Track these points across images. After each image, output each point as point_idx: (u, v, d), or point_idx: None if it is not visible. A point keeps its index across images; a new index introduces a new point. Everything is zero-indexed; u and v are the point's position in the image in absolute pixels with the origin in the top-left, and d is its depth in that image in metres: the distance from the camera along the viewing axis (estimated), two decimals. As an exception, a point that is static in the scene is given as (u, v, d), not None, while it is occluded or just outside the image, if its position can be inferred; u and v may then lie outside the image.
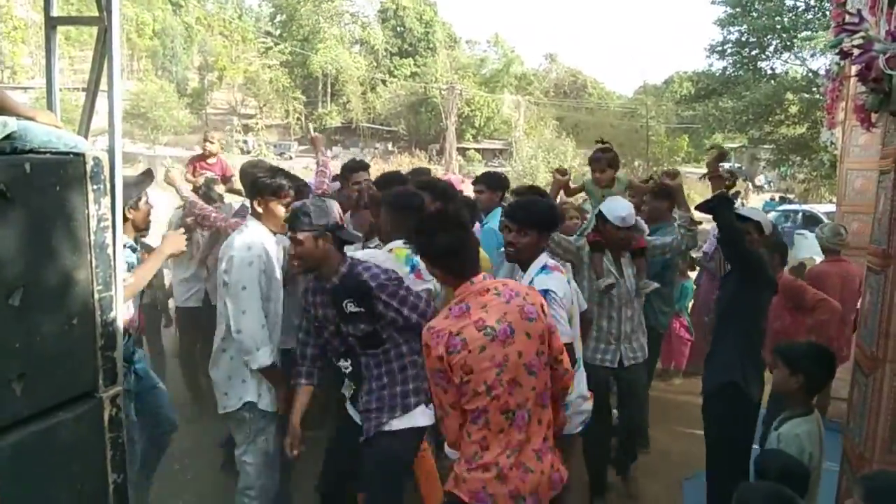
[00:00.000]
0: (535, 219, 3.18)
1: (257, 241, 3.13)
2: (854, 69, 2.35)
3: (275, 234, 3.31)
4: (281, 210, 3.22)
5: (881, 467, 2.57)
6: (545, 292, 2.91)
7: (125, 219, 3.08)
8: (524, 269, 3.22)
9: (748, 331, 3.54)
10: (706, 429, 3.63)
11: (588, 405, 3.33)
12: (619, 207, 3.80)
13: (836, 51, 2.46)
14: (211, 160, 6.14)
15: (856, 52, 2.14)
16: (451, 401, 2.35)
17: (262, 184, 3.22)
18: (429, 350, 2.31)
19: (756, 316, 3.57)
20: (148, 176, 3.44)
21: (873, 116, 2.80)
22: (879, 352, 2.63)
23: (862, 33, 2.15)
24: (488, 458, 2.33)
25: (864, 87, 2.37)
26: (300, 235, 2.84)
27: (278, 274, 3.25)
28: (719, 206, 3.48)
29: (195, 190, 5.36)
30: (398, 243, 3.28)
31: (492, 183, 4.87)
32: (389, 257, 3.20)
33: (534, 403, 2.37)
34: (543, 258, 3.18)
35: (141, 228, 3.43)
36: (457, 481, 2.39)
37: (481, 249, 3.35)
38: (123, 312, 2.42)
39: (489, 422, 2.31)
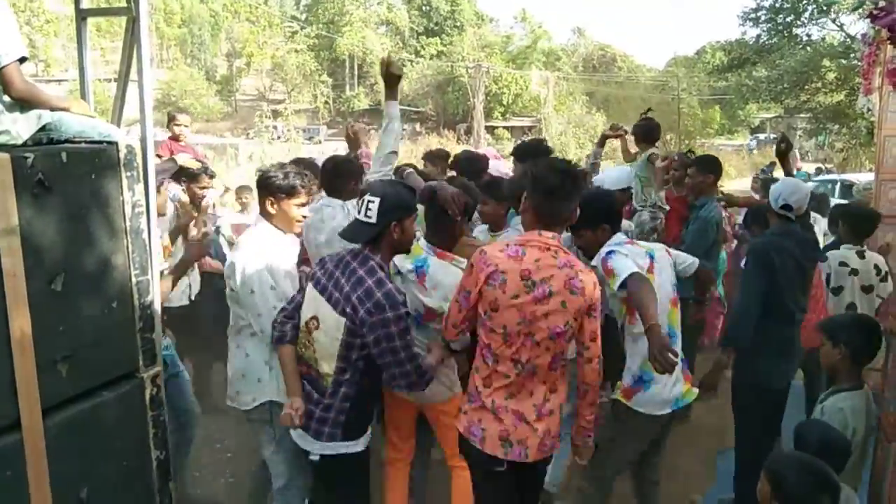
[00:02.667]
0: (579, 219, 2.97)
1: (263, 244, 3.01)
2: (885, 33, 2.29)
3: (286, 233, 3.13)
4: (294, 210, 3.06)
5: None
6: (608, 253, 2.81)
7: None
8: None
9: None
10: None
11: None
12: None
13: (865, 14, 2.40)
14: (182, 142, 5.90)
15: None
16: (456, 320, 2.50)
17: (274, 183, 3.04)
18: (471, 269, 2.43)
19: (765, 304, 3.33)
20: (174, 162, 3.46)
21: (907, 80, 2.73)
22: (914, 320, 2.59)
23: (884, -5, 2.11)
24: (485, 396, 2.45)
25: (896, 50, 2.32)
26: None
27: (288, 275, 3.07)
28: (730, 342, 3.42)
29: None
30: (422, 241, 3.03)
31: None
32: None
33: (546, 364, 2.43)
34: (617, 237, 3.00)
35: (160, 214, 3.46)
36: (458, 416, 2.58)
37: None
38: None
39: (498, 364, 2.42)
